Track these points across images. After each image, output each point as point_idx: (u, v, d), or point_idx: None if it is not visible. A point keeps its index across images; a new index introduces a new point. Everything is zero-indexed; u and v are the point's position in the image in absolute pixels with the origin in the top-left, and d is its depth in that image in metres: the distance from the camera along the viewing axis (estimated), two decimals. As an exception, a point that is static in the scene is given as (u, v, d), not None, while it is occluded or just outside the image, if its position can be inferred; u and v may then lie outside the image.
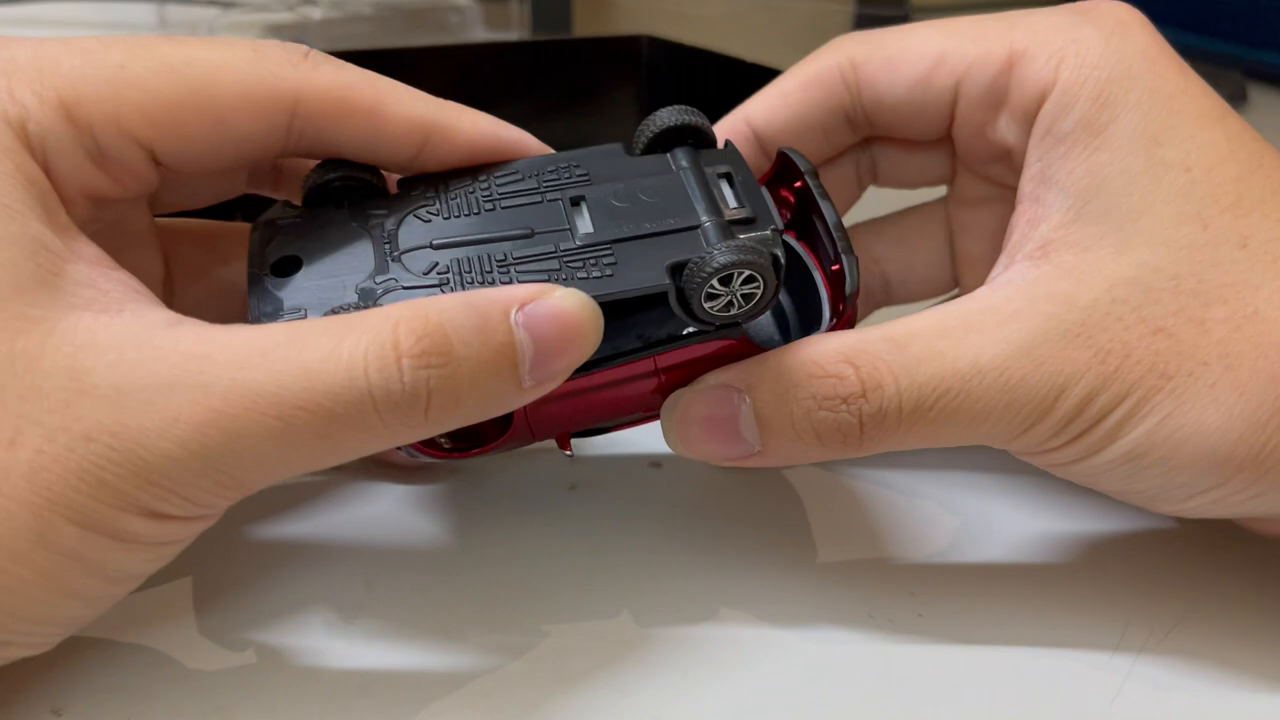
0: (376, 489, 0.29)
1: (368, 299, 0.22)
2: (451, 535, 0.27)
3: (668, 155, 0.25)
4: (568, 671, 0.23)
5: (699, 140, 0.25)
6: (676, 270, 0.23)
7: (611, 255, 0.23)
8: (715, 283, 0.22)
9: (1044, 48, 0.24)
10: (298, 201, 0.24)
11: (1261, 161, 0.23)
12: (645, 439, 0.31)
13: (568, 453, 0.26)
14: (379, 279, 0.22)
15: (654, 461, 0.31)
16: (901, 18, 0.52)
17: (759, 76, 0.41)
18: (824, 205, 0.25)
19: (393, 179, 0.25)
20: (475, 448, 0.25)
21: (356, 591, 0.25)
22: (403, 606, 0.25)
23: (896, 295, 0.31)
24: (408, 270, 0.22)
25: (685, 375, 0.24)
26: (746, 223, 0.24)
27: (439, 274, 0.22)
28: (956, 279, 0.30)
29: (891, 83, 0.26)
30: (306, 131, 0.22)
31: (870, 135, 0.29)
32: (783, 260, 0.23)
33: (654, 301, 0.23)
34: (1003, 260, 0.25)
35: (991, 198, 0.29)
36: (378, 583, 0.26)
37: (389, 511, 0.28)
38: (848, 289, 0.24)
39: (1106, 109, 0.23)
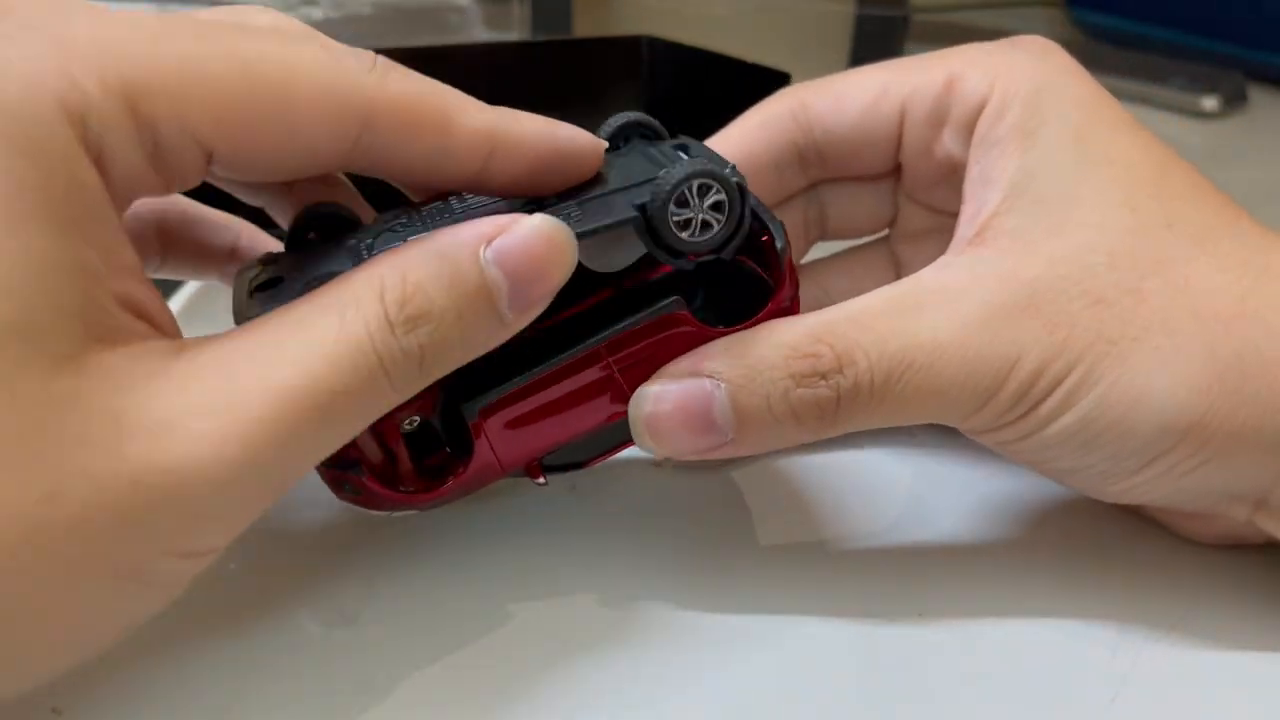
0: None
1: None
2: (452, 536, 0.27)
3: (623, 146, 0.26)
4: (567, 671, 0.24)
5: (653, 135, 0.26)
6: (641, 209, 0.23)
7: (579, 211, 0.23)
8: (677, 203, 0.22)
9: (978, 68, 0.27)
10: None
11: (1176, 162, 0.25)
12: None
13: (540, 481, 0.25)
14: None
15: (654, 462, 0.31)
16: (901, 19, 0.52)
17: (759, 77, 0.41)
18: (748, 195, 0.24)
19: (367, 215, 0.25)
20: (436, 488, 0.24)
21: (357, 592, 0.25)
22: (403, 607, 0.25)
23: None
24: None
25: (637, 359, 0.24)
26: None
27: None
28: None
29: (841, 114, 0.28)
30: (374, 146, 0.21)
31: (819, 178, 0.31)
32: (745, 185, 0.23)
33: (612, 304, 0.23)
34: (949, 252, 0.26)
35: (934, 229, 0.30)
36: (378, 583, 0.26)
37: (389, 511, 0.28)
38: (779, 245, 0.24)
39: (1036, 115, 0.25)
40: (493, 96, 0.46)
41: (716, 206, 0.23)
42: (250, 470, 0.18)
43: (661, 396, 0.23)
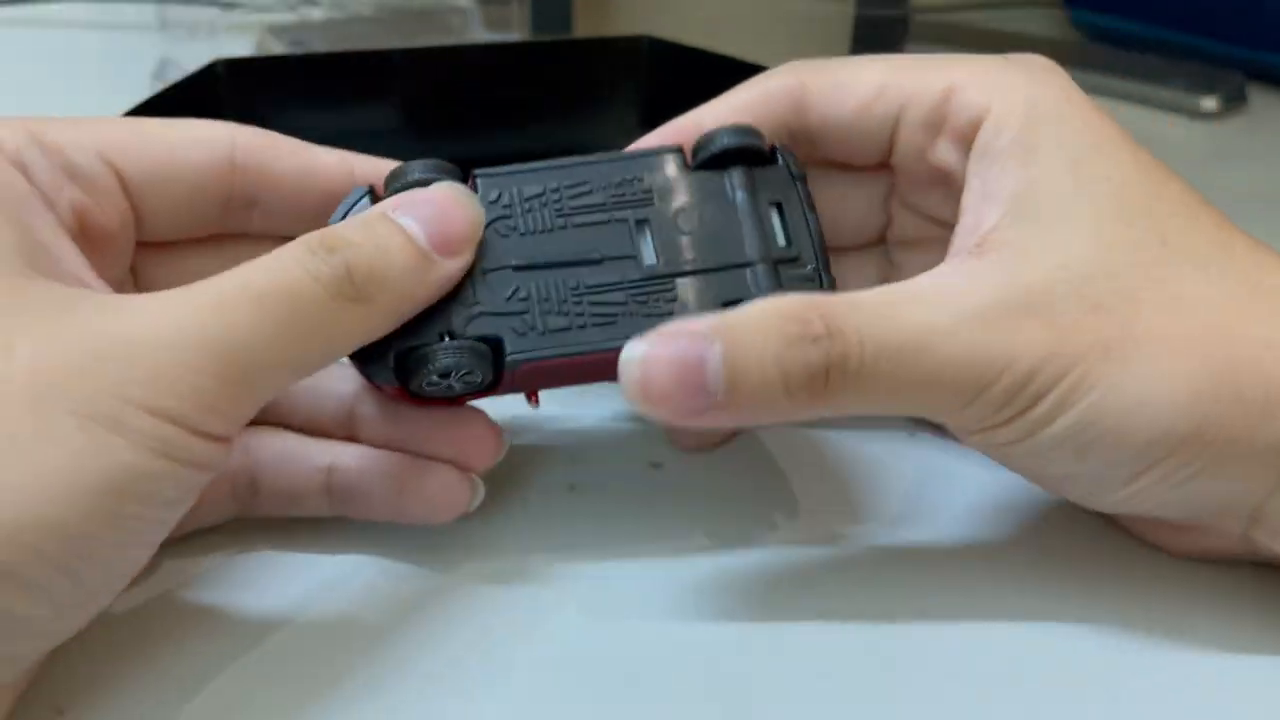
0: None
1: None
2: (452, 535, 0.27)
3: (724, 177, 0.26)
4: (567, 671, 0.24)
5: (756, 158, 0.27)
6: (725, 306, 0.25)
7: (672, 291, 0.25)
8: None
9: (977, 81, 0.27)
10: None
11: (1170, 179, 0.26)
12: (645, 440, 0.31)
13: (534, 404, 0.27)
14: (463, 312, 0.25)
15: (654, 462, 0.31)
16: (901, 19, 0.52)
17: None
18: (809, 216, 0.27)
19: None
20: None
21: (358, 592, 0.25)
22: (404, 607, 0.25)
23: None
24: (492, 293, 0.25)
25: None
26: (791, 261, 0.26)
27: (520, 300, 0.25)
28: None
29: (839, 105, 0.28)
30: (249, 165, 0.26)
31: (809, 160, 0.30)
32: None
33: None
34: (945, 262, 0.26)
35: (926, 237, 0.30)
36: (379, 583, 0.26)
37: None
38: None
39: (1035, 132, 0.25)
40: (493, 97, 0.46)
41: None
42: (197, 341, 0.20)
43: (654, 353, 0.23)
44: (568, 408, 0.32)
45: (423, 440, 0.26)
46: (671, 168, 0.27)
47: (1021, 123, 0.25)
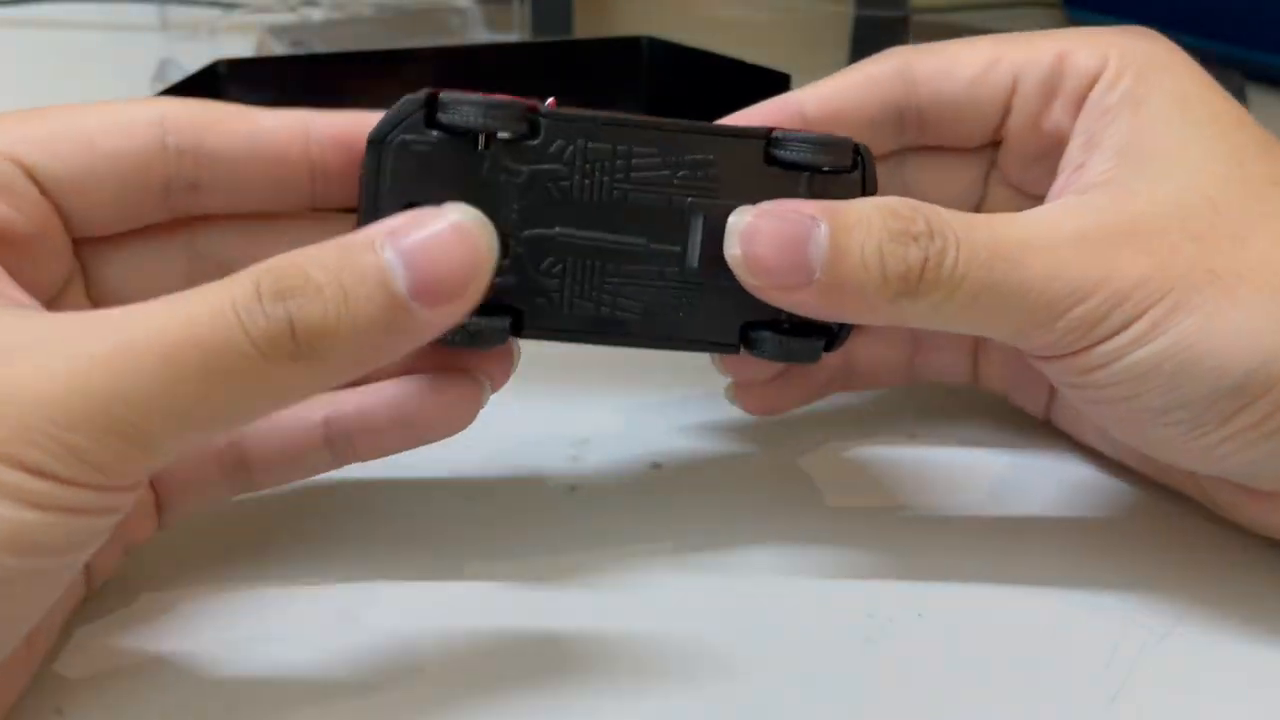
0: (377, 489, 0.29)
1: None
2: (452, 535, 0.27)
3: (798, 181, 0.25)
4: (568, 671, 0.24)
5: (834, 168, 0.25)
6: (746, 329, 0.25)
7: (698, 298, 0.25)
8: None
9: (1089, 46, 0.27)
10: None
11: (1275, 139, 0.26)
12: (645, 440, 0.31)
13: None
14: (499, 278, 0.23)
15: (654, 463, 0.31)
16: (901, 19, 0.52)
17: (759, 78, 0.41)
18: None
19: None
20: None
21: (358, 591, 0.25)
22: (404, 607, 0.25)
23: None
24: (528, 256, 0.24)
25: None
26: None
27: (553, 276, 0.24)
28: None
29: (951, 78, 0.28)
30: (184, 144, 0.23)
31: (912, 144, 0.30)
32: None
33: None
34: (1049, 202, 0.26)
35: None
36: (379, 583, 0.26)
37: (391, 512, 0.28)
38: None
39: (1146, 84, 0.26)
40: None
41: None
42: (80, 396, 0.18)
43: (763, 219, 0.24)
44: (568, 408, 0.32)
45: (437, 361, 0.25)
46: (749, 156, 0.25)
47: (1134, 78, 0.26)
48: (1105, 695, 0.23)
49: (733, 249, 0.24)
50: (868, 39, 0.52)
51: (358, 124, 0.24)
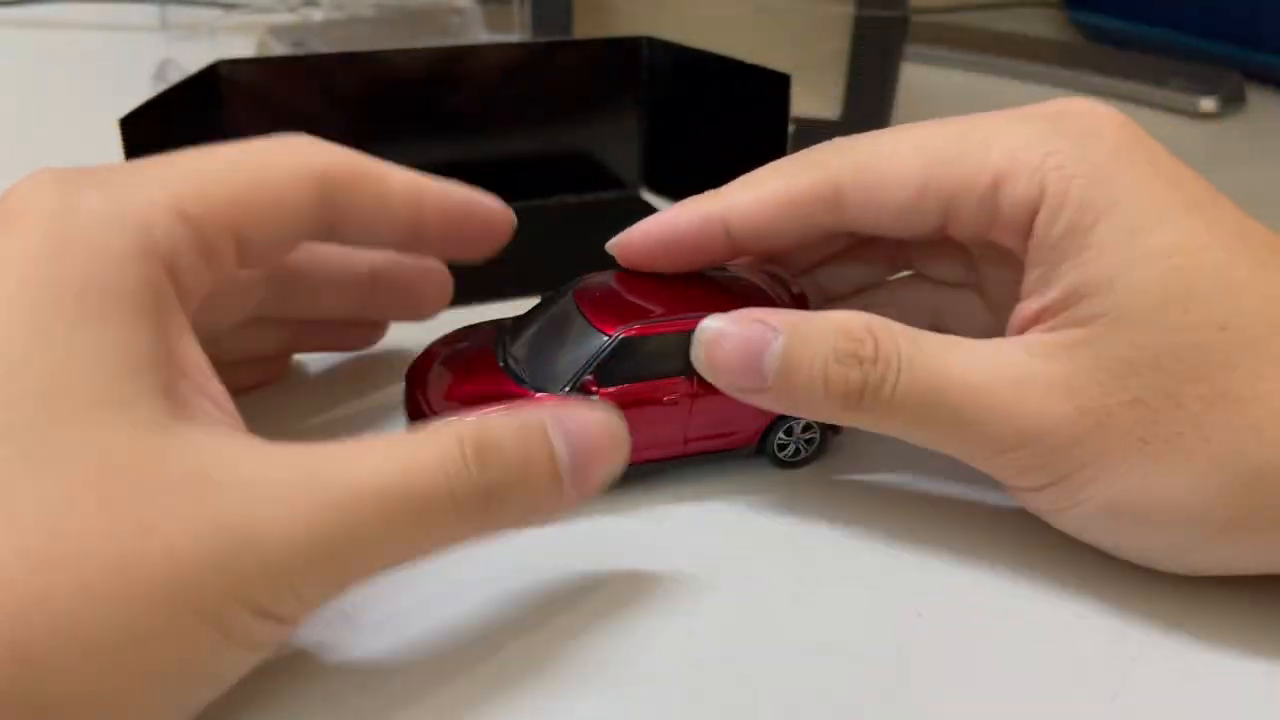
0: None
1: None
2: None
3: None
4: (568, 672, 0.24)
5: None
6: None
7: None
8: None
9: (1024, 168, 0.26)
10: None
11: (1247, 242, 0.24)
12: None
13: None
14: None
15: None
16: (901, 19, 0.52)
17: (759, 78, 0.41)
18: None
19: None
20: None
21: (359, 590, 0.25)
22: (404, 606, 0.25)
23: None
24: None
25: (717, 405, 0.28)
26: None
27: None
28: None
29: (879, 208, 0.27)
30: (335, 200, 0.25)
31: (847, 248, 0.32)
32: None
33: None
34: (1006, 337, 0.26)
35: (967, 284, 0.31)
36: (379, 582, 0.26)
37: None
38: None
39: (1089, 213, 0.25)
40: (493, 98, 0.46)
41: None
42: (317, 544, 0.19)
43: (727, 329, 0.26)
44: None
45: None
46: None
47: (1074, 207, 0.25)
48: (1105, 695, 0.23)
49: (697, 351, 0.27)
50: (867, 39, 0.52)
51: (465, 200, 0.28)
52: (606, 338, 0.27)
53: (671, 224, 0.29)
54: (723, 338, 0.26)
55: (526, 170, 0.46)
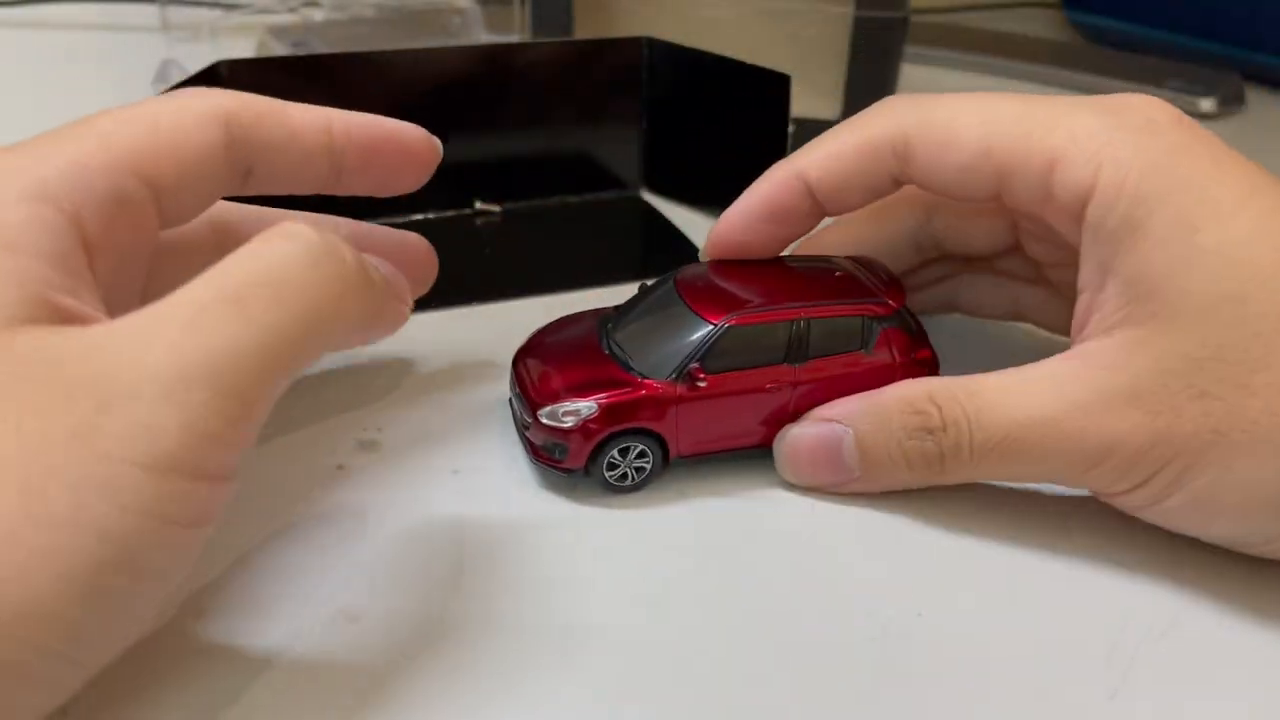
0: (376, 488, 0.29)
1: None
2: (452, 535, 0.27)
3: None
4: (568, 670, 0.24)
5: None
6: None
7: None
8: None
9: (1081, 153, 0.26)
10: None
11: None
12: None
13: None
14: None
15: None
16: (901, 20, 0.52)
17: (759, 79, 0.41)
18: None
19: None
20: None
21: (360, 591, 0.26)
22: (405, 606, 0.25)
23: None
24: None
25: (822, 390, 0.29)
26: None
27: None
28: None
29: (942, 165, 0.28)
30: (244, 138, 0.25)
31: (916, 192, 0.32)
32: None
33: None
34: (1064, 354, 0.27)
35: (1060, 261, 0.31)
36: (380, 582, 0.26)
37: (390, 511, 0.28)
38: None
39: (1143, 205, 0.25)
40: (494, 98, 0.46)
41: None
42: (178, 362, 0.19)
43: (800, 436, 0.29)
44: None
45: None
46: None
47: (1130, 199, 0.25)
48: (1105, 693, 0.24)
49: (781, 463, 0.29)
50: (868, 40, 0.52)
51: (376, 125, 0.27)
52: (712, 326, 0.28)
53: (753, 194, 0.30)
54: (798, 447, 0.28)
55: (526, 170, 0.46)
